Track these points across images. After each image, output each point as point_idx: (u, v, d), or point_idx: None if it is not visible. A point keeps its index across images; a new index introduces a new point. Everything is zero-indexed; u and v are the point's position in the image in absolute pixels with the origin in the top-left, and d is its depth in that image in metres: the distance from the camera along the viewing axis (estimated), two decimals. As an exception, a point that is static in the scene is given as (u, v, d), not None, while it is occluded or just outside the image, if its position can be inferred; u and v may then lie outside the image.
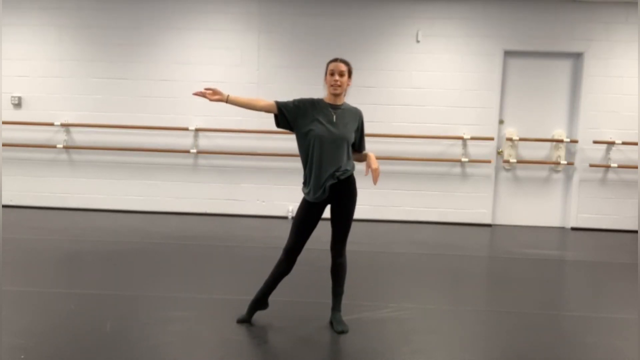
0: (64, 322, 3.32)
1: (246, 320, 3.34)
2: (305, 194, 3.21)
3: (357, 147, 3.31)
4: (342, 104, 3.23)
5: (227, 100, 3.07)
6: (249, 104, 3.17)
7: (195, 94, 3.09)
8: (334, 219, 3.26)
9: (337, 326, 3.26)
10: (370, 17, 6.79)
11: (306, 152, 3.17)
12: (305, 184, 3.22)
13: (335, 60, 3.19)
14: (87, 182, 7.00)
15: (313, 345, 2.98)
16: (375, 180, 3.16)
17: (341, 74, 3.14)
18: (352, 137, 3.20)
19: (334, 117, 3.16)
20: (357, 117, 3.25)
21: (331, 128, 3.13)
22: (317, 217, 3.22)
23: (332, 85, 3.15)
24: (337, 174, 3.13)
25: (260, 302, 3.35)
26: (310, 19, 6.81)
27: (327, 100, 3.22)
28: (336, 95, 3.18)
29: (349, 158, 3.20)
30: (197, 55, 6.86)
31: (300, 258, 3.23)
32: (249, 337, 3.20)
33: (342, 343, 2.95)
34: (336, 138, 3.12)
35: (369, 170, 3.18)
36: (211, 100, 3.08)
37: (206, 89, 3.08)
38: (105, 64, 6.89)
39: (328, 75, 3.17)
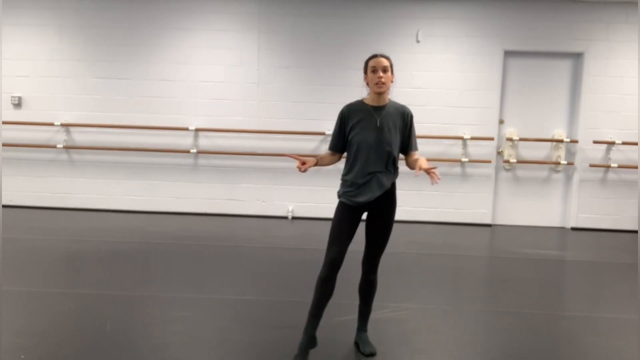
0: (64, 322, 3.32)
1: None
2: (341, 196, 2.92)
3: (405, 148, 2.95)
4: (386, 104, 2.89)
5: (317, 164, 2.89)
6: (329, 162, 3.00)
7: (290, 156, 2.95)
8: (370, 229, 2.96)
9: (363, 348, 3.00)
10: (370, 17, 6.79)
11: (350, 158, 2.90)
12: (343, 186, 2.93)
13: (375, 56, 2.85)
14: (87, 182, 7.00)
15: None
16: (433, 178, 2.63)
17: (384, 70, 2.81)
18: (398, 141, 2.88)
19: (378, 121, 2.84)
20: (403, 116, 2.89)
21: (374, 134, 2.82)
22: (355, 223, 2.90)
23: (376, 84, 2.80)
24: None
25: (312, 339, 2.87)
26: (310, 19, 6.81)
27: (368, 102, 2.90)
28: (380, 94, 2.85)
29: (394, 163, 2.90)
30: (197, 55, 6.86)
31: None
32: (249, 337, 3.20)
33: (342, 343, 2.95)
34: (380, 144, 2.82)
35: (419, 171, 2.74)
36: (302, 170, 2.81)
37: (298, 159, 2.82)
38: (105, 64, 6.89)
39: (370, 74, 2.84)
